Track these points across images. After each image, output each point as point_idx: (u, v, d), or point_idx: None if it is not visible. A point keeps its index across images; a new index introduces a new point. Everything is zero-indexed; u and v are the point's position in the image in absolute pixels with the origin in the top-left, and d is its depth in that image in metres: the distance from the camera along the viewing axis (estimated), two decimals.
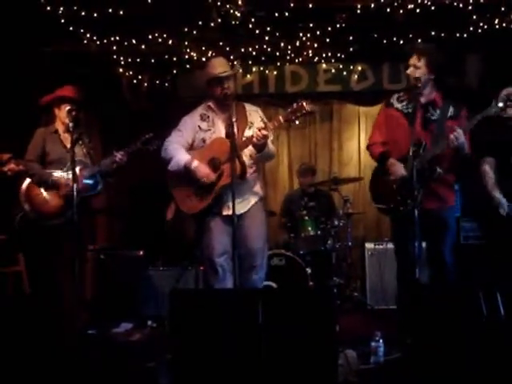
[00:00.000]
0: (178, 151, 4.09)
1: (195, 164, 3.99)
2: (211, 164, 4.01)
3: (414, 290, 3.39)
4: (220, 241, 4.03)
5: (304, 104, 3.79)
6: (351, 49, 6.40)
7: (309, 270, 5.69)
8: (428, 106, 3.91)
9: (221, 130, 4.08)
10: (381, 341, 3.66)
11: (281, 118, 3.88)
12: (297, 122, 4.05)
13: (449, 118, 3.89)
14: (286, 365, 2.85)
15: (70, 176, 3.92)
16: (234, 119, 3.93)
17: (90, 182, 4.28)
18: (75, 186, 3.79)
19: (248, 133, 4.04)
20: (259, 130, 3.85)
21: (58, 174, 4.21)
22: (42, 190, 4.21)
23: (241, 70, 4.15)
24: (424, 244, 3.97)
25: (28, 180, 4.23)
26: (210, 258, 4.06)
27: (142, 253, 5.97)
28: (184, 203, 4.12)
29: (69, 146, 4.06)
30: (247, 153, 4.06)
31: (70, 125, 4.03)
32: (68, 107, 4.23)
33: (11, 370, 3.52)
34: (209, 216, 4.09)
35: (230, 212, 3.87)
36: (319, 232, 6.00)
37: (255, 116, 4.18)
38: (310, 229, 5.99)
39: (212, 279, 4.08)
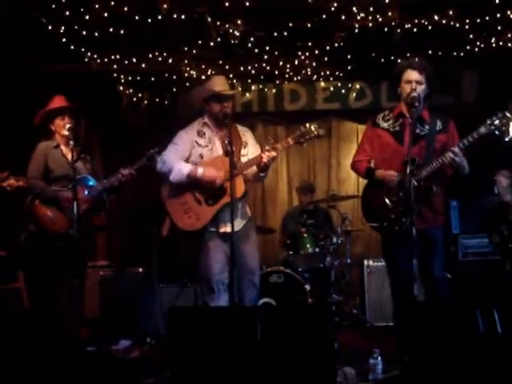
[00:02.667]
0: (178, 162, 4.07)
1: (201, 170, 3.99)
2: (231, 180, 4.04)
3: (410, 307, 3.40)
4: (217, 259, 4.05)
5: (313, 128, 3.91)
6: (349, 67, 6.47)
7: (308, 287, 5.69)
8: (416, 123, 3.87)
9: (218, 147, 4.11)
10: (379, 358, 3.65)
11: (290, 140, 3.96)
12: (304, 145, 4.08)
13: (437, 132, 3.88)
14: (285, 381, 2.85)
15: (78, 194, 3.94)
16: (227, 139, 3.91)
17: (95, 200, 4.29)
18: (75, 204, 3.81)
19: (243, 152, 4.10)
20: (268, 151, 3.89)
21: (63, 192, 4.19)
22: (48, 212, 4.18)
23: (240, 89, 4.21)
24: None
25: (33, 200, 4.19)
26: (207, 276, 4.06)
27: (141, 270, 5.98)
28: (181, 220, 4.09)
29: (73, 158, 4.03)
30: (250, 173, 4.10)
31: (71, 142, 4.05)
32: (60, 122, 4.22)
33: None
34: (205, 234, 4.09)
35: (227, 229, 3.95)
36: (318, 249, 6.01)
37: (248, 136, 4.24)
38: (308, 246, 6.00)
39: (207, 297, 4.08)
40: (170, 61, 6.16)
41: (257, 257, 4.22)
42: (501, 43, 5.82)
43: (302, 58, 6.25)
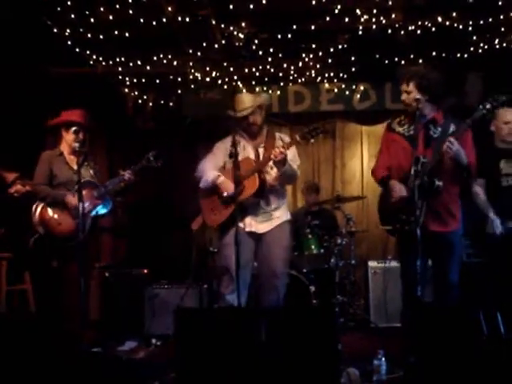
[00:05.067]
0: (207, 171, 4.39)
1: (221, 179, 4.30)
2: (235, 180, 4.13)
3: (416, 308, 3.41)
4: (241, 252, 4.09)
5: (320, 124, 4.12)
6: (353, 69, 6.47)
7: (312, 288, 5.71)
8: (429, 125, 3.92)
9: (250, 153, 4.35)
10: (383, 359, 3.66)
11: (297, 136, 4.13)
12: (312, 141, 4.21)
13: (450, 134, 3.87)
14: (289, 383, 2.87)
15: (88, 193, 4.02)
16: (262, 144, 4.37)
17: (100, 202, 4.35)
18: (81, 205, 3.86)
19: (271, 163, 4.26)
20: (277, 148, 4.07)
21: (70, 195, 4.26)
22: (55, 214, 4.27)
23: (267, 98, 4.40)
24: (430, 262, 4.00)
25: (41, 204, 4.28)
26: (228, 267, 4.18)
27: (146, 271, 6.00)
28: (208, 216, 4.44)
29: (75, 167, 4.12)
30: (273, 175, 4.26)
31: (77, 145, 4.12)
32: (74, 135, 4.32)
33: None
34: (230, 230, 4.23)
35: (252, 229, 4.26)
36: (322, 250, 6.03)
37: (282, 142, 4.35)
38: (313, 247, 6.03)
39: (226, 288, 4.22)
40: (175, 63, 6.17)
41: (283, 261, 4.35)
42: (504, 44, 5.81)
43: (306, 59, 6.25)
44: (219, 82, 6.43)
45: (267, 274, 4.27)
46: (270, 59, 6.21)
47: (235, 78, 6.20)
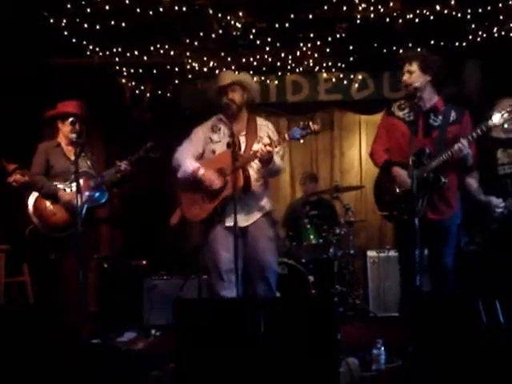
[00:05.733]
0: (186, 160, 4.16)
1: (202, 171, 4.06)
2: (218, 173, 4.07)
3: (415, 297, 3.42)
4: (226, 249, 4.05)
5: (310, 124, 3.92)
6: (351, 58, 6.44)
7: (311, 279, 5.72)
8: (430, 113, 3.90)
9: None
10: (382, 348, 3.67)
11: (286, 135, 3.96)
12: (301, 141, 4.10)
13: (451, 123, 3.88)
14: (288, 373, 2.87)
15: (84, 183, 4.01)
16: (244, 132, 4.10)
17: (96, 193, 4.35)
18: (79, 197, 3.85)
19: (256, 147, 4.08)
20: (264, 146, 3.92)
21: (62, 186, 4.27)
22: (50, 204, 4.27)
23: (248, 80, 4.18)
24: (426, 251, 4.00)
25: (35, 194, 4.29)
26: (217, 265, 4.10)
27: (144, 262, 6.00)
28: (189, 210, 4.19)
29: (73, 158, 4.11)
30: (255, 167, 4.11)
31: (74, 135, 4.12)
32: (70, 126, 4.31)
33: (14, 379, 3.53)
34: (214, 225, 4.14)
35: (232, 223, 3.96)
36: (321, 240, 6.03)
37: (265, 131, 4.23)
38: (312, 237, 6.02)
39: (218, 287, 4.12)
40: (172, 53, 6.15)
41: (271, 252, 4.21)
42: (503, 33, 5.79)
43: (304, 49, 6.23)
44: (217, 71, 6.41)
45: (257, 266, 4.13)
46: (267, 48, 6.18)
47: (233, 67, 6.17)
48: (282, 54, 6.35)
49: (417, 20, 5.59)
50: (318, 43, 6.12)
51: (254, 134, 4.16)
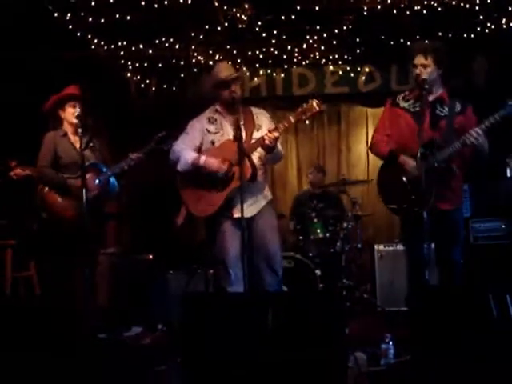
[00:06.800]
0: (184, 151, 4.08)
1: (203, 159, 3.99)
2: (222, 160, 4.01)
3: (423, 291, 3.39)
4: (233, 244, 4.02)
5: (314, 103, 3.83)
6: (358, 50, 6.41)
7: (318, 273, 5.69)
8: (436, 104, 3.87)
9: (229, 132, 4.06)
10: (391, 343, 3.64)
11: (291, 118, 3.89)
12: (307, 122, 4.04)
13: (456, 113, 3.86)
14: (296, 367, 2.85)
15: (88, 181, 3.96)
16: (241, 122, 3.99)
17: (105, 184, 4.31)
18: (84, 191, 3.82)
19: (256, 135, 4.04)
20: (270, 132, 3.87)
21: (72, 180, 4.22)
22: (59, 199, 4.22)
23: (248, 74, 4.15)
24: (432, 245, 3.96)
25: (45, 188, 4.23)
26: (224, 260, 4.06)
27: (151, 256, 5.99)
28: (194, 206, 4.10)
29: (81, 146, 4.04)
30: (256, 155, 4.06)
31: (79, 130, 4.05)
32: (71, 109, 4.26)
33: (21, 373, 3.53)
34: (220, 219, 4.08)
35: (239, 215, 3.88)
36: (328, 234, 6.00)
37: (262, 118, 4.19)
38: (319, 231, 5.99)
39: (225, 282, 4.07)
40: (178, 46, 6.13)
41: (277, 242, 4.16)
42: (511, 24, 5.74)
43: (311, 41, 6.20)
44: None
45: (265, 258, 4.07)
46: (273, 41, 6.15)
47: (238, 60, 6.13)
48: (288, 47, 6.32)
49: (424, 11, 5.54)
50: (325, 35, 6.09)
51: (251, 122, 4.11)
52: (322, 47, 6.31)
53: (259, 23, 5.78)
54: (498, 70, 6.21)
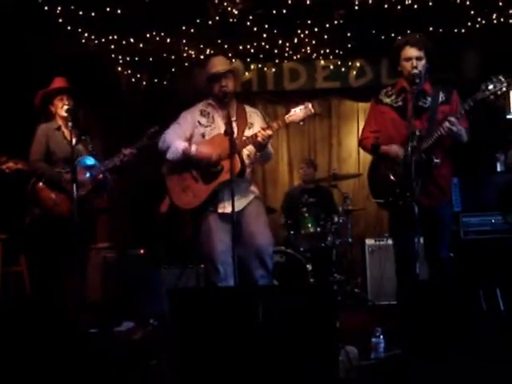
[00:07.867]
0: (175, 140, 4.07)
1: (194, 148, 3.99)
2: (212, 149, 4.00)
3: (413, 285, 3.40)
4: (220, 239, 4.01)
5: (310, 106, 3.87)
6: (349, 45, 6.40)
7: (309, 267, 5.70)
8: (418, 96, 3.84)
9: (220, 126, 4.07)
10: (381, 337, 3.65)
11: (285, 118, 3.91)
12: (301, 124, 4.03)
13: (440, 103, 3.86)
14: (287, 361, 2.85)
15: (79, 176, 3.94)
16: (233, 118, 4.01)
17: (97, 178, 4.29)
18: (75, 186, 3.80)
19: (248, 133, 4.05)
20: (263, 130, 3.88)
21: (65, 172, 4.18)
22: (52, 194, 4.18)
23: (241, 68, 4.13)
24: (422, 240, 3.97)
25: (37, 182, 4.20)
26: (211, 256, 4.04)
27: (142, 251, 5.98)
28: (179, 197, 4.08)
29: (73, 141, 4.01)
30: (246, 152, 4.07)
31: (69, 124, 4.02)
32: (59, 103, 4.23)
33: (12, 370, 3.52)
34: (204, 213, 4.07)
35: (226, 210, 3.98)
36: (319, 229, 6.01)
37: (255, 117, 4.20)
38: (310, 225, 6.00)
39: (215, 278, 4.06)
40: (168, 41, 6.10)
41: (267, 235, 4.13)
42: (502, 19, 5.76)
43: (302, 36, 6.19)
44: None
45: (255, 251, 4.04)
46: (264, 35, 6.13)
47: (230, 55, 6.12)
48: (280, 41, 6.31)
49: (415, 6, 5.54)
50: (316, 30, 6.08)
51: (244, 120, 4.12)
52: (313, 42, 6.31)
53: (250, 17, 5.76)
54: (489, 64, 6.21)
